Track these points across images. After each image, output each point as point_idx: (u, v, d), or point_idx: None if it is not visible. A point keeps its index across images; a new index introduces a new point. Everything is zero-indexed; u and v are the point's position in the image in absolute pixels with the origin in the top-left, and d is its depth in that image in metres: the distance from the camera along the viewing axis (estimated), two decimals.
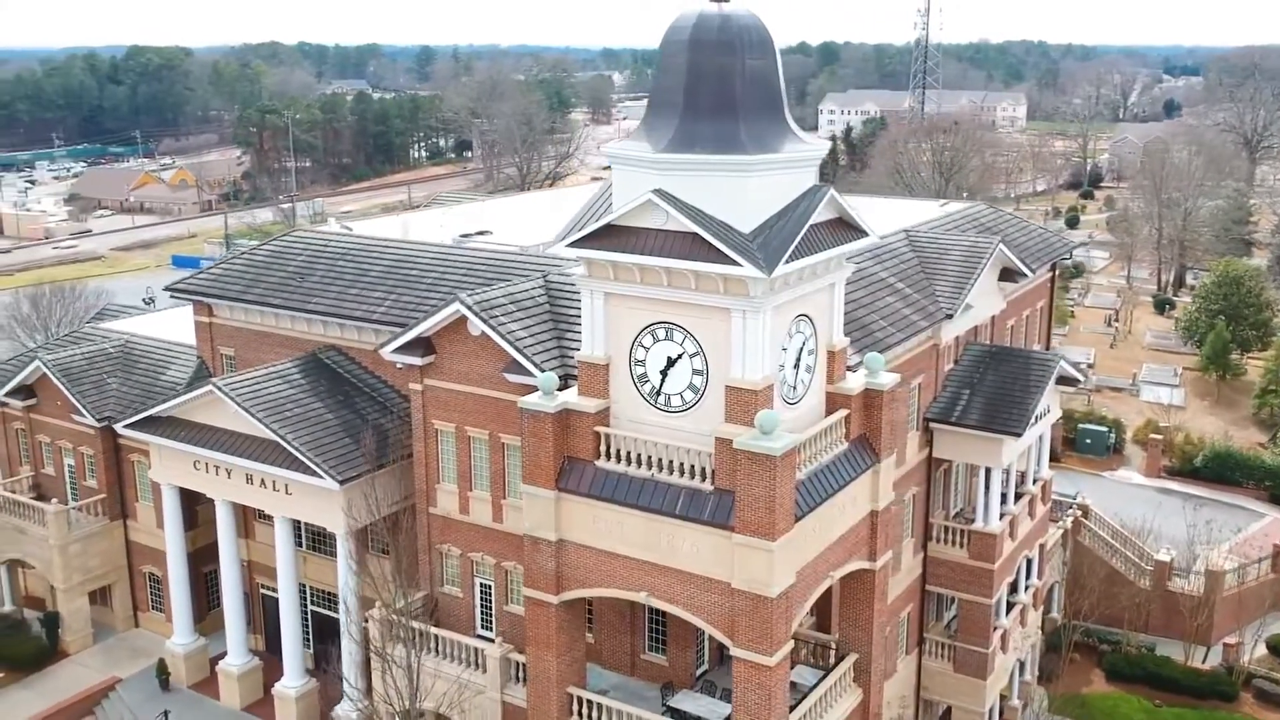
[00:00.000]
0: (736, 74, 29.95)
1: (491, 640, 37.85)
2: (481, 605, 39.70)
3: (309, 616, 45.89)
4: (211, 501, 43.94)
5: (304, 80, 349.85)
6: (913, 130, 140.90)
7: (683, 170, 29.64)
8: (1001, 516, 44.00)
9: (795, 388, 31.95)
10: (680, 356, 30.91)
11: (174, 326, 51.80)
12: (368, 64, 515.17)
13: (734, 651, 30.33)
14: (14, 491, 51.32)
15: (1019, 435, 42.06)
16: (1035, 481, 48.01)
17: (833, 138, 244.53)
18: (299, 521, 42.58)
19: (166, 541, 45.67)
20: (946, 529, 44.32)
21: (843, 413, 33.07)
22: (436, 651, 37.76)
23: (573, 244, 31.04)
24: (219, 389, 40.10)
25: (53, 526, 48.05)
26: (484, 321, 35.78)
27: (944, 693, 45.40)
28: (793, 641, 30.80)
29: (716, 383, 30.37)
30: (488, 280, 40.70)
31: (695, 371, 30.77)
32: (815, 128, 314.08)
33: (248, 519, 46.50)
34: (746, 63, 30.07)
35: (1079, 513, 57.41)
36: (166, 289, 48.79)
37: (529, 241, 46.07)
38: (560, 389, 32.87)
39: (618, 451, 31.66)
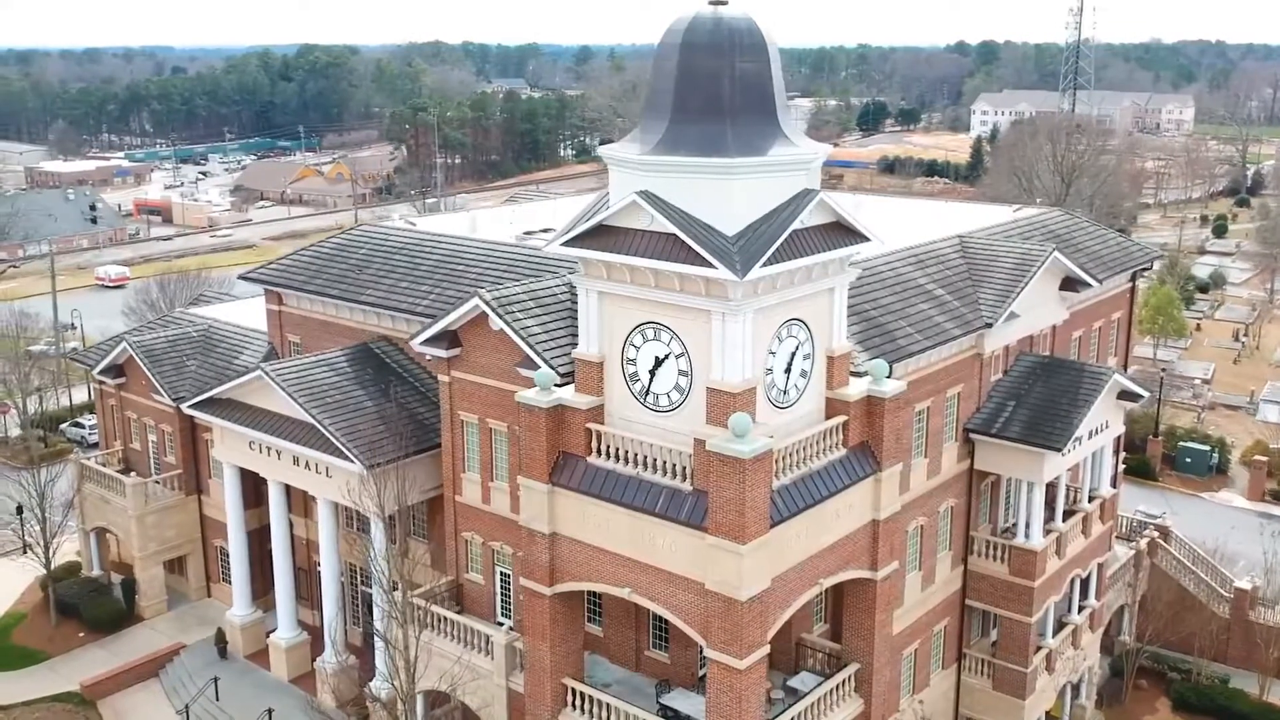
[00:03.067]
0: (725, 77, 30.02)
1: (507, 627, 38.74)
2: (501, 592, 40.65)
3: (358, 596, 47.72)
4: None
5: (463, 79, 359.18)
6: (1032, 132, 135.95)
7: (668, 172, 29.89)
8: (1047, 533, 42.67)
9: (786, 392, 31.80)
10: (667, 357, 31.19)
11: (254, 314, 54.31)
12: (527, 64, 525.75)
13: (707, 652, 30.43)
14: (106, 464, 54.85)
15: (1060, 450, 40.65)
16: (1092, 499, 46.29)
17: (978, 138, 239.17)
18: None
19: (228, 517, 48.17)
20: (988, 543, 43.17)
21: (838, 419, 32.75)
22: (454, 637, 38.79)
23: (565, 243, 31.61)
24: (266, 374, 42.08)
25: (131, 498, 51.21)
26: (500, 317, 36.63)
27: (982, 710, 44.18)
28: (769, 646, 30.65)
29: (700, 384, 30.55)
30: (530, 276, 41.50)
31: (681, 372, 31.00)
32: (968, 128, 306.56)
33: (306, 500, 48.53)
34: (737, 65, 30.09)
35: (1157, 534, 54.87)
36: (240, 277, 51.33)
37: None
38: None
39: (608, 448, 32.14)
